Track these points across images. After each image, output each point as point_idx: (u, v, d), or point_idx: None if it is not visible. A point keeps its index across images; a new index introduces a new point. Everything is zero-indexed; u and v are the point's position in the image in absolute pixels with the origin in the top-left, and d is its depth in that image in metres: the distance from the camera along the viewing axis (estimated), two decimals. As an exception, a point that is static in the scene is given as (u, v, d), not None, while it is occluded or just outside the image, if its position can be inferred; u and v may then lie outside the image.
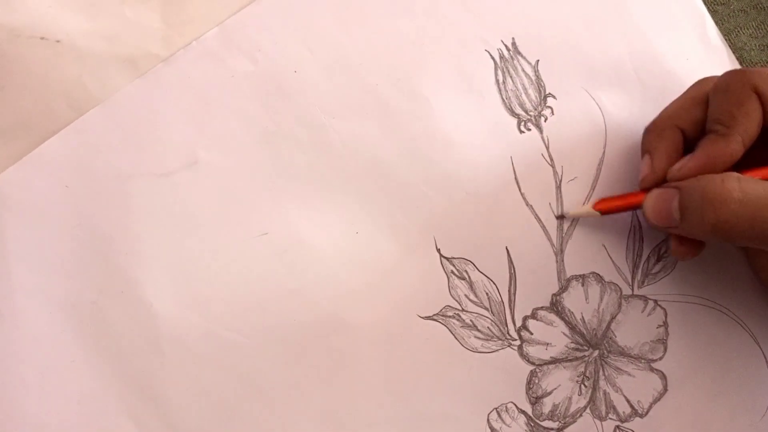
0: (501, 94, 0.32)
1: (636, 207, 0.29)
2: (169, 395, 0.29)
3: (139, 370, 0.29)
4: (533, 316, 0.31)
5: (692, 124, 0.28)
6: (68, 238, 0.29)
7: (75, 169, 0.29)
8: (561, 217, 0.31)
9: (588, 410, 0.31)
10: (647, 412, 0.32)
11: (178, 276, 0.29)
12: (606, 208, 0.30)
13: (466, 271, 0.31)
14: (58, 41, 0.29)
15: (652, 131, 0.29)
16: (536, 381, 0.31)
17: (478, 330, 0.31)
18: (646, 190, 0.29)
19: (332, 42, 0.31)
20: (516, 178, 0.31)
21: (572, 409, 0.31)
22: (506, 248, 0.31)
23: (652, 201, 0.28)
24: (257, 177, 0.30)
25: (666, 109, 0.29)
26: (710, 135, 0.27)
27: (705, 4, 0.33)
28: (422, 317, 0.31)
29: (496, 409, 0.31)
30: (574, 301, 0.31)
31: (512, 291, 0.31)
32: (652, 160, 0.28)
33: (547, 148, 0.32)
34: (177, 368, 0.29)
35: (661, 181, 0.28)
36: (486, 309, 0.31)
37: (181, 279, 0.29)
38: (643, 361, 0.32)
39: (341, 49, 0.31)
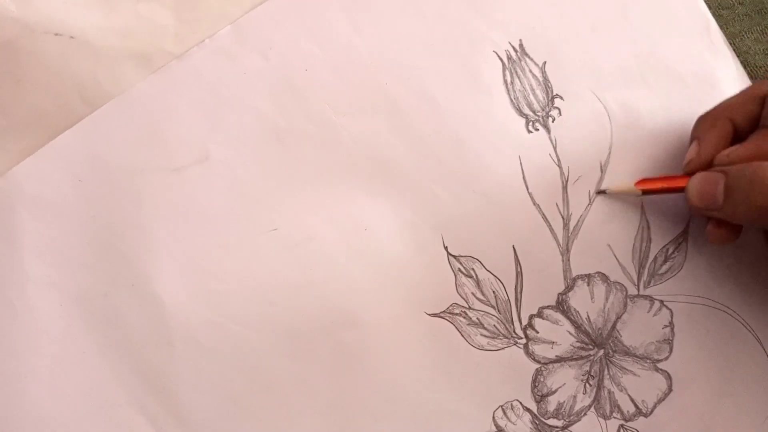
0: (509, 94, 0.32)
1: (677, 190, 0.30)
2: (179, 388, 0.29)
3: (149, 362, 0.29)
4: (539, 314, 0.32)
5: (745, 119, 0.29)
6: (80, 231, 0.29)
7: (88, 164, 0.29)
8: (602, 192, 0.32)
9: (592, 409, 0.32)
10: (651, 412, 0.32)
11: (188, 270, 0.29)
12: (647, 188, 0.30)
13: (473, 269, 0.31)
14: (72, 37, 0.30)
15: (705, 120, 0.30)
16: (541, 379, 0.31)
17: (485, 328, 0.31)
18: (689, 174, 0.29)
19: (343, 41, 0.31)
20: (524, 178, 0.32)
21: (577, 407, 0.32)
22: (513, 247, 0.31)
23: (697, 182, 0.28)
24: (268, 173, 0.30)
25: (722, 102, 0.30)
26: (763, 129, 0.28)
27: (710, 8, 0.34)
28: (429, 314, 0.31)
29: (501, 406, 0.31)
30: (580, 300, 0.32)
31: (519, 289, 0.31)
32: (699, 146, 0.29)
33: (555, 148, 0.32)
34: (187, 361, 0.29)
35: (706, 168, 0.29)
36: (492, 307, 0.31)
37: (192, 273, 0.29)
38: (648, 361, 0.32)
39: (352, 48, 0.31)
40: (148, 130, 0.30)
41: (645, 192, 0.30)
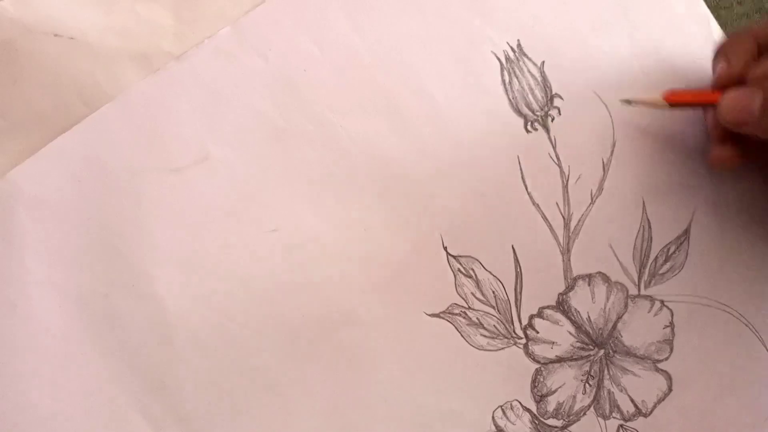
0: (508, 94, 0.32)
1: (707, 104, 0.29)
2: (179, 388, 0.29)
3: (149, 363, 0.29)
4: (539, 314, 0.32)
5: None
6: (80, 232, 0.29)
7: (88, 164, 0.29)
8: (627, 102, 0.31)
9: (592, 409, 0.32)
10: (651, 412, 0.32)
11: (188, 270, 0.30)
12: (676, 100, 0.30)
13: (472, 270, 0.31)
14: (71, 38, 0.30)
15: (729, 39, 0.30)
16: (541, 379, 0.31)
17: (484, 328, 0.31)
18: (720, 89, 0.29)
19: (342, 41, 0.31)
20: (523, 178, 0.32)
21: (576, 407, 0.32)
22: (513, 247, 0.31)
23: (733, 96, 0.28)
24: (267, 173, 0.30)
25: (743, 26, 0.31)
26: None
27: (709, 7, 0.34)
28: (429, 314, 0.31)
29: (501, 406, 0.31)
30: (581, 300, 0.32)
31: (518, 289, 0.31)
32: (729, 60, 0.29)
33: (554, 147, 0.32)
34: (187, 361, 0.29)
35: (736, 81, 0.29)
36: (492, 307, 0.31)
37: (192, 273, 0.30)
38: (649, 361, 0.32)
39: (351, 48, 0.31)
40: (148, 131, 0.30)
41: (672, 105, 0.30)
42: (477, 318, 0.31)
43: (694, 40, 0.33)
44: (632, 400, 0.32)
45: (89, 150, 0.29)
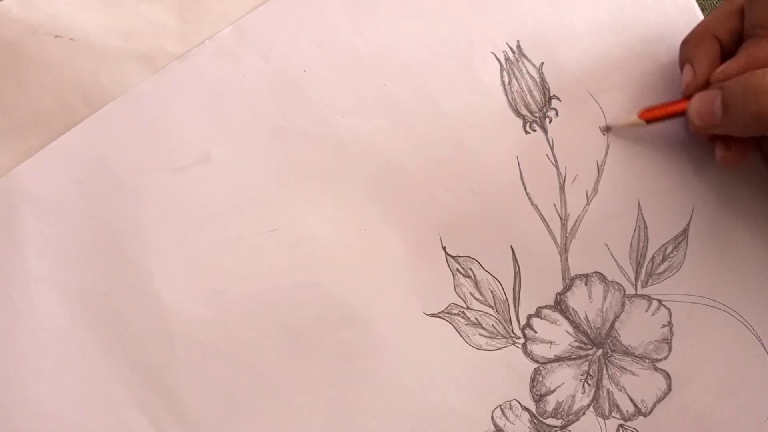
0: (507, 95, 0.32)
1: (680, 114, 0.30)
2: (180, 387, 0.29)
3: (150, 362, 0.29)
4: (537, 314, 0.32)
5: (729, 34, 0.29)
6: (82, 231, 0.29)
7: (90, 164, 0.30)
8: (608, 129, 0.32)
9: (591, 408, 0.32)
10: (651, 412, 0.32)
11: (189, 270, 0.30)
12: (651, 117, 0.31)
13: (471, 270, 0.31)
14: (72, 39, 0.30)
15: (691, 41, 0.30)
16: (540, 379, 0.31)
17: (483, 328, 0.31)
18: (689, 96, 0.30)
19: (343, 42, 0.31)
20: (522, 178, 0.32)
21: (575, 407, 0.32)
22: (511, 247, 0.32)
23: (696, 102, 0.29)
24: (268, 173, 0.30)
25: (702, 20, 0.31)
26: (751, 39, 0.28)
27: (703, 10, 0.34)
28: (428, 314, 0.31)
29: (500, 406, 0.31)
30: (578, 300, 0.32)
31: (517, 289, 0.32)
32: (693, 67, 0.30)
33: (552, 148, 0.32)
34: (187, 361, 0.29)
35: (704, 87, 0.29)
36: (491, 307, 0.32)
37: (193, 273, 0.30)
38: (647, 360, 0.32)
39: (352, 48, 0.31)
40: (150, 131, 0.30)
41: (649, 121, 0.31)
42: (475, 318, 0.31)
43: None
44: (632, 400, 0.32)
45: (91, 149, 0.30)
